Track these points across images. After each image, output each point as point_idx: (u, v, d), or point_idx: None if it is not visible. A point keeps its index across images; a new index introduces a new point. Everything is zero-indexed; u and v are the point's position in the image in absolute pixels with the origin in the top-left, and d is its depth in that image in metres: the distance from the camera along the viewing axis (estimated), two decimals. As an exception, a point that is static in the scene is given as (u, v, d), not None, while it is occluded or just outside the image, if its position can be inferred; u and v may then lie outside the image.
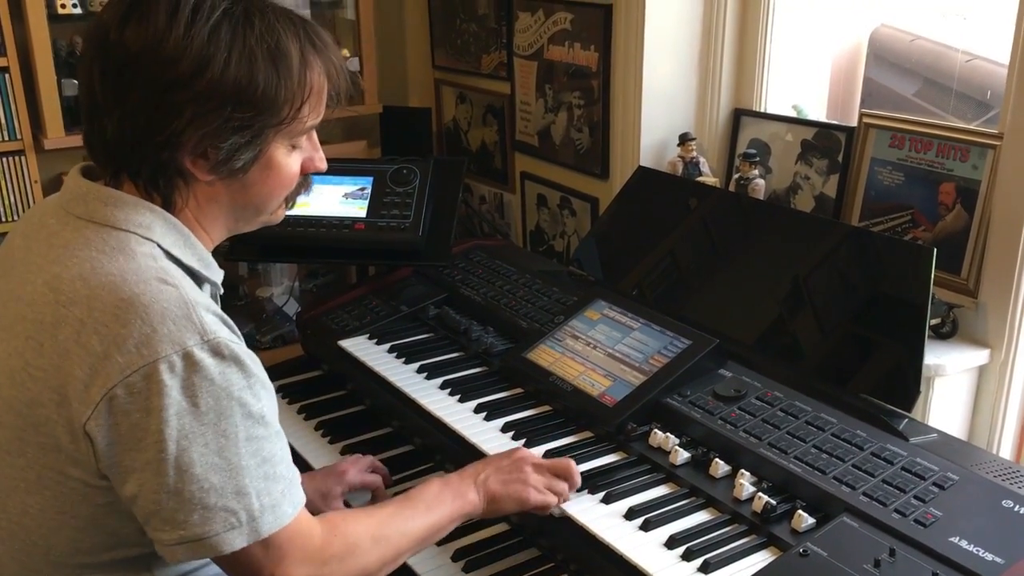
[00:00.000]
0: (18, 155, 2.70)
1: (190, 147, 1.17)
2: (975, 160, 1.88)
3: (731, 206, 2.07)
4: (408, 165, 2.27)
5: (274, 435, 1.20)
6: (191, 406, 1.11)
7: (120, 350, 1.10)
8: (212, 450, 1.12)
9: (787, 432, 1.55)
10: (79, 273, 1.15)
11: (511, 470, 1.50)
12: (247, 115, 1.17)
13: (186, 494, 1.12)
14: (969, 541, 1.28)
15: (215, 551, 1.15)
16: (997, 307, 1.84)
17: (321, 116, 1.28)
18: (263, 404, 1.18)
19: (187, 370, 1.11)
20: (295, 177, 1.29)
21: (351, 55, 3.08)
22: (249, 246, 2.26)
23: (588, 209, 2.68)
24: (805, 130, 2.25)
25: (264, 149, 1.21)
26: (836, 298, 1.77)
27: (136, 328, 1.10)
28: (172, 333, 1.11)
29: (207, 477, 1.12)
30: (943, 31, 2.28)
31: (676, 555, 1.38)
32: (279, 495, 1.18)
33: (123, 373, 1.09)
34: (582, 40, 2.57)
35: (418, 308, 2.18)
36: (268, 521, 1.17)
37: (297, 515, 1.21)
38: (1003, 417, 1.87)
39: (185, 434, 1.11)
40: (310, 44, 1.23)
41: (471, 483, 1.47)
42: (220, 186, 1.23)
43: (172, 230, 1.22)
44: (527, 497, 1.47)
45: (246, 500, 1.15)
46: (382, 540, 1.32)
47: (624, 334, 1.84)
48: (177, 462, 1.11)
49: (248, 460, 1.15)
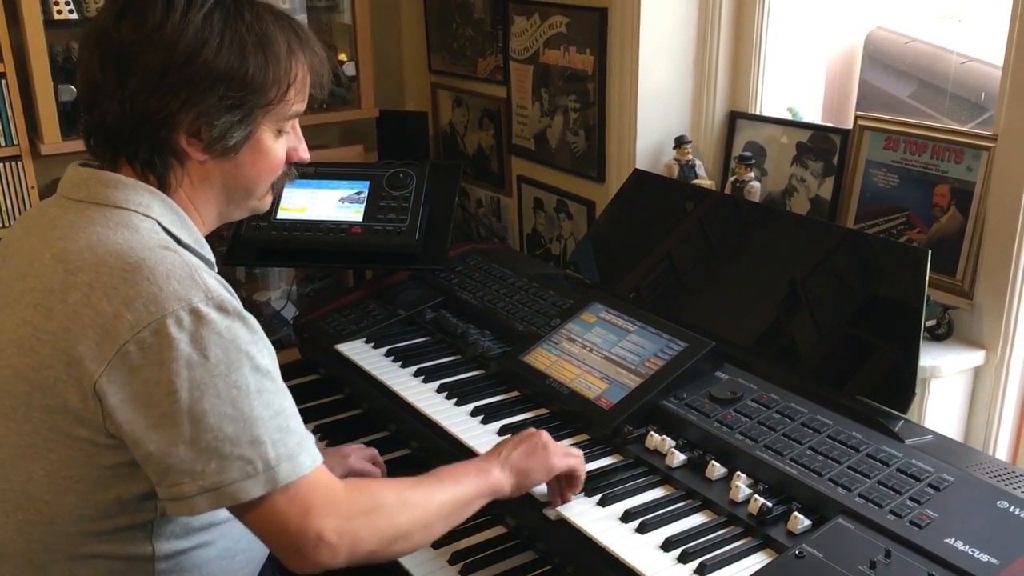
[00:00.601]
0: (15, 160, 2.70)
1: (186, 126, 1.25)
2: (970, 162, 1.88)
3: (727, 209, 2.07)
4: (405, 169, 2.28)
5: (283, 392, 1.23)
6: (201, 358, 1.15)
7: (129, 309, 1.15)
8: (225, 401, 1.15)
9: (783, 434, 1.55)
10: (86, 244, 1.21)
11: (530, 443, 1.50)
12: (238, 95, 1.25)
13: (202, 443, 1.15)
14: (964, 542, 1.28)
15: (234, 499, 1.16)
16: (992, 308, 1.84)
17: (305, 103, 1.36)
18: (268, 361, 1.22)
19: (195, 324, 1.15)
20: (281, 162, 1.36)
21: (347, 59, 3.08)
22: (246, 250, 2.27)
23: (584, 212, 2.68)
24: (800, 132, 2.25)
25: (254, 130, 1.29)
26: (831, 300, 1.77)
27: (144, 288, 1.15)
28: (178, 291, 1.16)
29: (221, 427, 1.15)
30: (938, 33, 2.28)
31: (672, 557, 1.38)
32: (295, 446, 1.20)
33: (133, 330, 1.14)
34: (578, 44, 2.57)
35: (415, 312, 2.19)
36: (285, 470, 1.18)
37: (316, 468, 1.22)
38: (999, 418, 1.87)
39: (197, 384, 1.14)
40: (295, 36, 1.31)
41: (495, 462, 1.46)
42: (213, 166, 1.30)
43: (169, 210, 1.29)
44: (554, 463, 1.49)
45: (261, 449, 1.17)
46: (409, 503, 1.32)
47: (620, 337, 1.84)
48: (191, 412, 1.14)
49: (261, 411, 1.18)
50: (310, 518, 1.20)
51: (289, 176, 1.41)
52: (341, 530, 1.22)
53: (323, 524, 1.20)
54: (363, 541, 1.25)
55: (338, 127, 3.21)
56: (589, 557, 1.45)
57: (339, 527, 1.22)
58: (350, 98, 3.11)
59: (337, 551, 1.22)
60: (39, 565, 1.26)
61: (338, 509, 1.23)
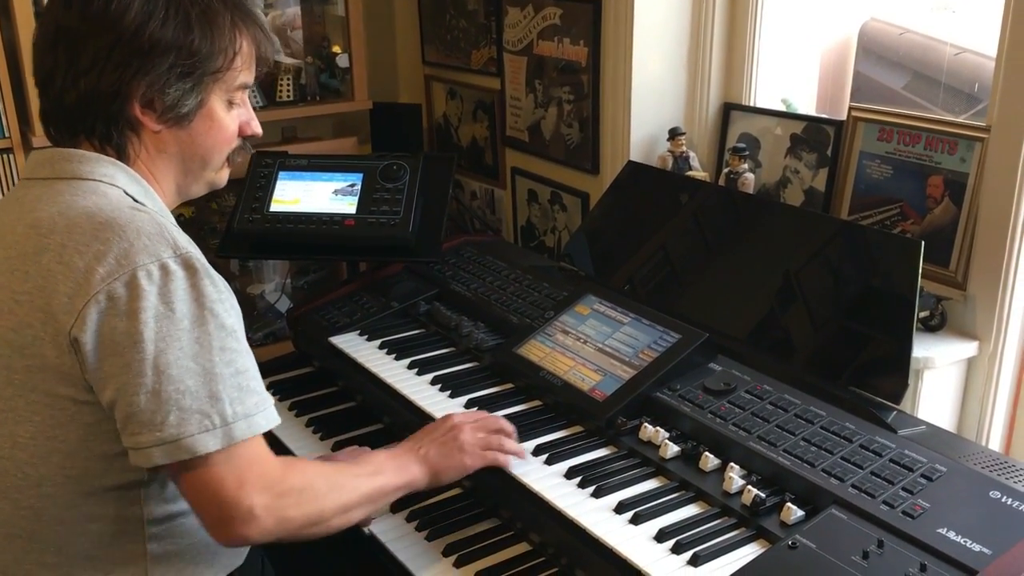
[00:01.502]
0: (6, 153, 2.68)
1: (139, 97, 1.30)
2: (963, 153, 1.88)
3: (721, 200, 2.07)
4: (398, 161, 2.27)
5: (246, 352, 1.27)
6: (168, 311, 1.19)
7: (101, 263, 1.19)
8: (187, 355, 1.20)
9: (776, 425, 1.55)
10: (57, 211, 1.26)
11: (446, 441, 1.55)
12: (187, 62, 1.31)
13: (163, 395, 1.18)
14: (957, 532, 1.29)
15: (190, 452, 1.19)
16: (985, 299, 1.85)
17: (253, 76, 1.42)
18: (233, 321, 1.26)
19: (163, 279, 1.20)
20: (234, 134, 1.42)
21: (341, 51, 3.07)
22: (240, 243, 2.26)
23: (579, 204, 2.68)
24: (794, 124, 2.25)
25: (205, 98, 1.35)
26: (825, 292, 1.77)
27: (115, 244, 1.20)
28: (148, 247, 1.21)
29: (183, 379, 1.19)
30: (932, 24, 2.28)
31: (666, 548, 1.39)
32: (253, 407, 1.24)
33: (104, 282, 1.19)
34: (571, 35, 2.57)
35: (409, 304, 2.18)
36: (241, 428, 1.22)
37: (257, 439, 1.26)
38: (991, 409, 1.88)
39: (163, 336, 1.19)
40: (237, 9, 1.37)
41: (413, 456, 1.52)
42: (168, 135, 1.35)
43: (133, 180, 1.34)
44: (467, 464, 1.54)
45: (220, 405, 1.21)
46: (336, 487, 1.37)
47: (614, 329, 1.84)
48: (155, 362, 1.18)
49: (222, 368, 1.22)
50: (244, 490, 1.23)
51: (244, 151, 1.46)
52: (270, 508, 1.25)
53: (255, 498, 1.23)
54: (289, 520, 1.28)
55: (331, 119, 3.20)
56: (583, 548, 1.45)
57: (268, 505, 1.25)
58: (343, 90, 3.10)
59: (264, 526, 1.25)
60: (29, 533, 1.27)
61: (270, 483, 1.26)
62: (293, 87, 2.98)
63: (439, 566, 1.57)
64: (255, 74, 1.43)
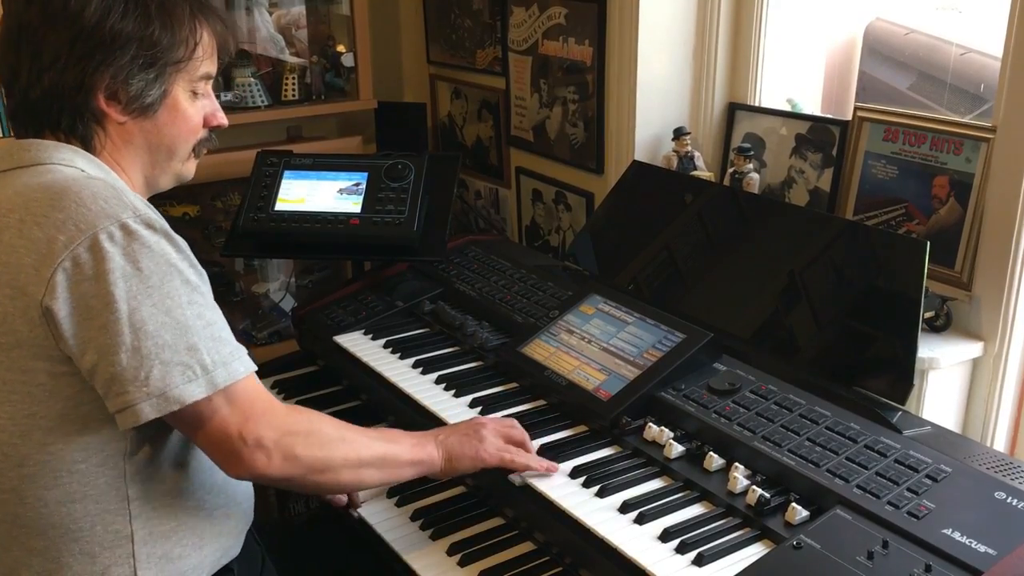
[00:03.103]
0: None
1: (103, 88, 1.33)
2: (969, 153, 1.88)
3: (726, 200, 2.07)
4: (403, 160, 2.27)
5: (212, 307, 1.30)
6: (135, 270, 1.22)
7: (61, 231, 1.21)
8: (160, 310, 1.23)
9: (781, 425, 1.55)
10: (13, 192, 1.28)
11: (468, 433, 1.57)
12: (149, 53, 1.33)
13: (143, 351, 1.21)
14: (962, 533, 1.28)
15: (179, 402, 1.23)
16: (991, 300, 1.84)
17: (215, 68, 1.45)
18: (196, 278, 1.29)
19: (126, 239, 1.22)
20: (199, 124, 1.44)
21: (346, 51, 3.07)
22: (244, 242, 2.26)
23: (583, 204, 2.68)
24: (799, 124, 2.25)
25: (169, 89, 1.38)
26: (830, 292, 1.77)
27: (72, 211, 1.22)
28: (106, 209, 1.23)
29: (160, 334, 1.22)
30: (937, 25, 2.28)
31: (670, 548, 1.39)
32: (228, 355, 1.28)
33: (67, 248, 1.20)
34: (576, 35, 2.56)
35: (413, 303, 2.19)
36: (222, 375, 1.26)
37: (252, 377, 1.31)
38: (996, 409, 1.88)
39: (134, 295, 1.21)
40: (196, 4, 1.40)
41: (431, 439, 1.54)
42: (133, 126, 1.38)
43: (93, 165, 1.35)
44: (483, 456, 1.55)
45: (198, 355, 1.24)
46: (346, 439, 1.41)
47: (619, 328, 1.84)
48: (131, 320, 1.21)
49: (194, 321, 1.25)
50: (249, 424, 1.28)
51: (210, 142, 1.48)
52: (279, 443, 1.30)
53: (261, 431, 1.29)
54: (297, 460, 1.33)
55: (336, 118, 3.20)
56: (587, 548, 1.45)
57: (276, 439, 1.30)
58: (348, 89, 3.10)
59: (271, 459, 1.30)
60: (14, 516, 1.28)
61: (277, 422, 1.32)
62: (298, 86, 2.98)
63: (443, 565, 1.56)
64: (217, 64, 1.45)
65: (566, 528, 1.49)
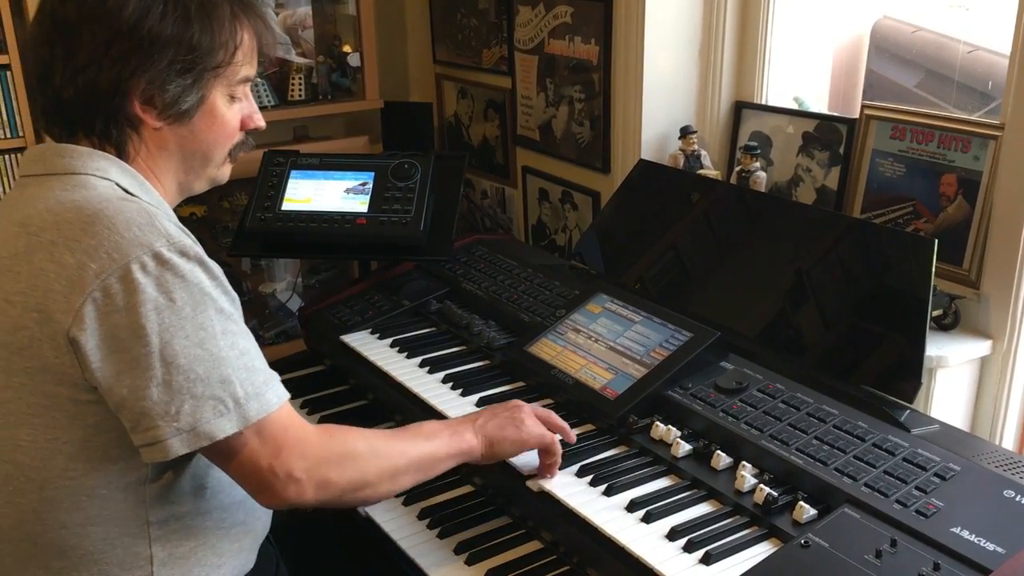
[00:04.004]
0: (20, 152, 2.70)
1: (138, 93, 1.28)
2: (976, 151, 1.88)
3: (732, 199, 2.07)
4: (409, 160, 2.27)
5: (245, 334, 1.27)
6: (167, 301, 1.18)
7: (93, 258, 1.17)
8: (193, 342, 1.19)
9: (788, 424, 1.55)
10: (45, 207, 1.24)
11: (507, 415, 1.53)
12: (187, 58, 1.28)
13: (175, 385, 1.18)
14: (971, 531, 1.28)
15: (209, 438, 1.20)
16: (999, 298, 1.84)
17: (255, 69, 1.40)
18: (230, 305, 1.26)
19: (159, 268, 1.18)
20: (236, 129, 1.40)
21: (352, 50, 3.07)
22: (251, 242, 2.27)
23: (590, 203, 2.68)
24: (806, 122, 2.24)
25: (206, 94, 1.33)
26: (838, 290, 1.76)
27: (105, 237, 1.18)
28: (139, 237, 1.19)
29: (192, 368, 1.18)
30: (945, 22, 2.27)
31: (678, 547, 1.38)
32: (262, 384, 1.24)
33: (99, 278, 1.16)
34: (583, 34, 2.56)
35: (420, 303, 2.19)
36: (254, 407, 1.22)
37: (284, 407, 1.27)
38: (1005, 408, 1.87)
39: (166, 327, 1.17)
40: (238, 1, 1.35)
41: (469, 426, 1.50)
42: (169, 132, 1.33)
43: (126, 174, 1.31)
44: (524, 438, 1.51)
45: (231, 388, 1.21)
46: (380, 453, 1.37)
47: (626, 327, 1.84)
48: (162, 355, 1.17)
49: (227, 352, 1.22)
50: (281, 457, 1.25)
51: (246, 145, 1.44)
52: (311, 471, 1.27)
53: (293, 464, 1.25)
54: (331, 484, 1.30)
55: (342, 118, 3.21)
56: (594, 547, 1.45)
57: (308, 468, 1.27)
58: (355, 89, 3.11)
59: (304, 490, 1.27)
60: (33, 536, 1.26)
61: (308, 451, 1.28)
62: (304, 86, 2.98)
63: (450, 564, 1.56)
64: (257, 67, 1.40)
65: (573, 527, 1.49)
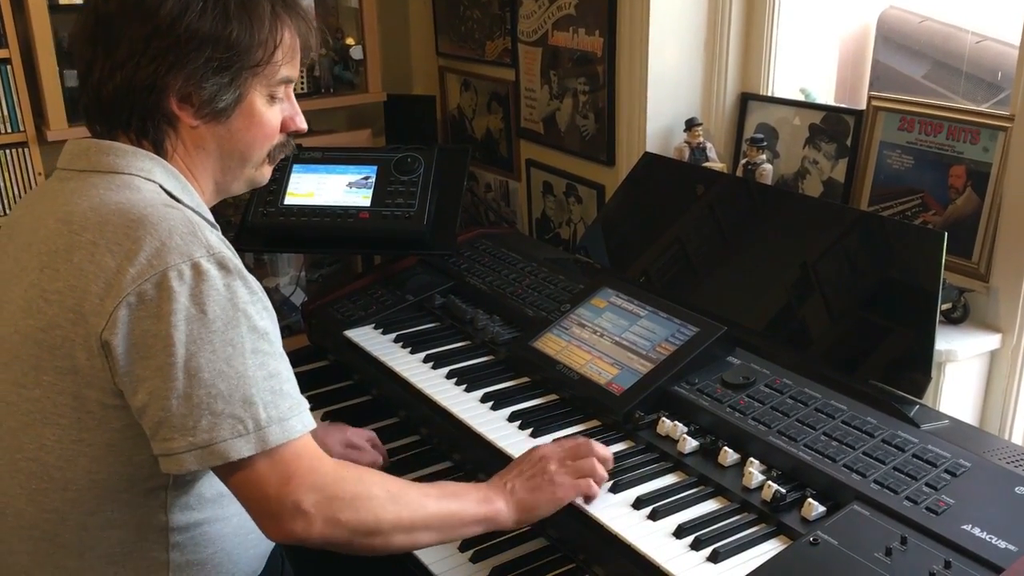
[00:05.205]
0: (21, 147, 2.69)
1: (176, 91, 1.27)
2: (986, 142, 1.85)
3: (738, 192, 2.05)
4: (412, 153, 2.26)
5: (279, 355, 1.23)
6: (199, 313, 1.16)
7: (132, 263, 1.16)
8: (220, 358, 1.17)
9: (796, 420, 1.53)
10: (89, 206, 1.23)
11: (534, 473, 1.44)
12: (224, 56, 1.27)
13: (195, 399, 1.16)
14: (982, 528, 1.26)
15: (223, 458, 1.17)
16: (1009, 291, 1.82)
17: (296, 70, 1.37)
18: (267, 323, 1.23)
19: (195, 279, 1.17)
20: (276, 130, 1.37)
21: (354, 43, 3.06)
22: (254, 236, 2.25)
23: (594, 196, 2.66)
24: (813, 114, 2.22)
25: (244, 93, 1.31)
26: (845, 284, 1.75)
27: (147, 243, 1.17)
28: (180, 246, 1.18)
29: (215, 383, 1.16)
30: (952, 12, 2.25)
31: (685, 544, 1.37)
32: (287, 410, 1.21)
33: (135, 282, 1.16)
34: (587, 25, 2.54)
35: (424, 297, 2.17)
36: (275, 433, 1.19)
37: (305, 437, 1.23)
38: (1015, 402, 1.85)
39: (194, 339, 1.16)
40: (280, 1, 1.33)
41: (499, 492, 1.41)
42: (206, 131, 1.32)
43: (170, 176, 1.31)
44: (560, 496, 1.43)
45: (253, 410, 1.18)
46: (397, 500, 1.28)
47: (631, 322, 1.83)
48: (186, 366, 1.15)
49: (255, 372, 1.19)
50: (290, 487, 1.20)
51: (287, 147, 1.42)
52: (320, 506, 1.21)
53: (302, 495, 1.20)
54: (341, 524, 1.23)
55: (345, 111, 3.19)
56: (601, 544, 1.44)
57: (319, 502, 1.21)
58: (357, 82, 3.09)
59: (312, 525, 1.21)
60: (52, 535, 1.26)
61: (320, 483, 1.22)
62: (307, 79, 2.97)
63: (455, 561, 1.55)
64: (299, 67, 1.38)
65: (579, 524, 1.48)
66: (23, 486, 1.25)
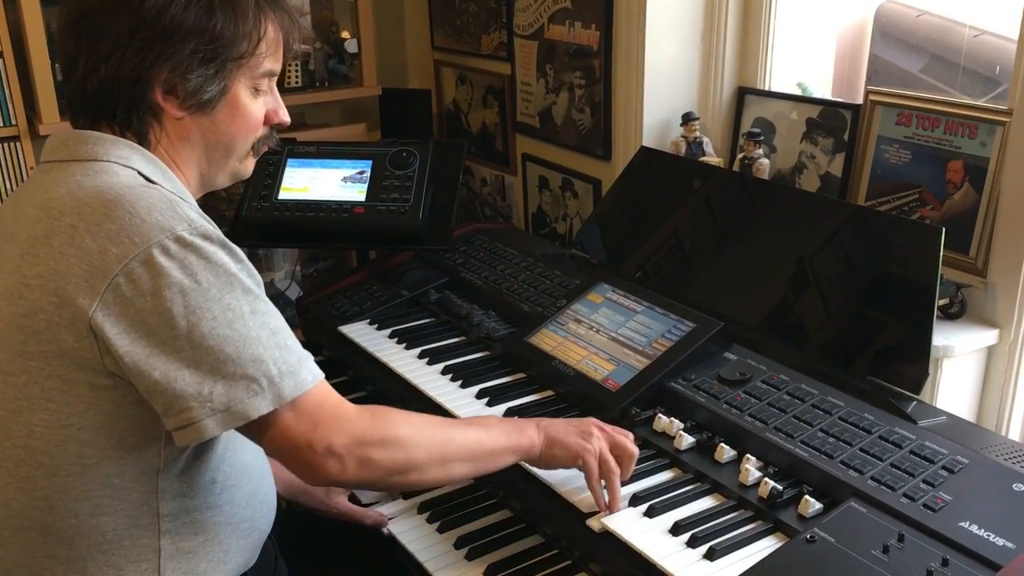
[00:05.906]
0: (13, 141, 2.67)
1: (160, 82, 1.28)
2: (984, 137, 1.85)
3: (735, 186, 2.04)
4: (408, 148, 2.25)
5: (275, 313, 1.26)
6: (193, 283, 1.17)
7: (114, 243, 1.17)
8: (221, 323, 1.18)
9: (793, 416, 1.53)
10: (66, 191, 1.24)
11: (576, 425, 1.49)
12: (209, 48, 1.28)
13: (204, 366, 1.17)
14: (979, 526, 1.26)
15: (244, 418, 1.19)
16: (1006, 287, 1.81)
17: (279, 64, 1.38)
18: (256, 285, 1.25)
19: (182, 251, 1.17)
20: (259, 122, 1.38)
21: (349, 36, 3.04)
22: (248, 231, 2.24)
23: (590, 191, 2.65)
24: (810, 108, 2.21)
25: (228, 85, 1.32)
26: (843, 279, 1.74)
27: (126, 222, 1.18)
28: (160, 222, 1.18)
29: (222, 348, 1.18)
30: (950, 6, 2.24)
31: (681, 541, 1.36)
32: (295, 363, 1.23)
33: (121, 262, 1.16)
34: (583, 19, 2.53)
35: (419, 293, 2.16)
36: (289, 386, 1.21)
37: (320, 384, 1.26)
38: (1012, 398, 1.85)
39: (192, 309, 1.17)
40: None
41: (533, 424, 1.47)
42: (191, 122, 1.33)
43: (149, 162, 1.31)
44: (588, 449, 1.45)
45: (264, 367, 1.20)
46: (426, 436, 1.35)
47: (627, 317, 1.82)
48: (190, 337, 1.17)
49: (258, 331, 1.21)
50: (318, 432, 1.24)
51: (270, 140, 1.43)
52: (351, 448, 1.26)
53: (332, 439, 1.24)
54: (375, 465, 1.28)
55: (340, 105, 3.18)
56: (596, 541, 1.43)
57: (348, 444, 1.25)
58: (352, 76, 3.08)
59: (346, 466, 1.26)
60: (42, 524, 1.25)
61: (347, 427, 1.26)
62: (301, 73, 2.95)
63: (451, 559, 1.55)
64: (282, 61, 1.39)
65: (575, 521, 1.47)
66: (12, 474, 1.24)
